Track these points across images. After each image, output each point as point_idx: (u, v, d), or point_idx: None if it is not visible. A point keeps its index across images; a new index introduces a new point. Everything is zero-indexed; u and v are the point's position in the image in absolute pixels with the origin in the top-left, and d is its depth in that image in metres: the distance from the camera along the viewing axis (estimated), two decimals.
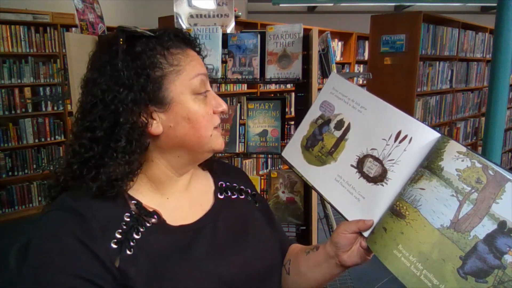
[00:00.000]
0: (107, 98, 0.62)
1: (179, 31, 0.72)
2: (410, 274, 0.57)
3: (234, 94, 4.03)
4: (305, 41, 1.44)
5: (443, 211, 0.57)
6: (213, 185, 0.80)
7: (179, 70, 0.67)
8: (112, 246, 0.59)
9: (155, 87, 0.64)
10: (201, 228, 0.70)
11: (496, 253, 0.52)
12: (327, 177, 0.73)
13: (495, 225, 0.53)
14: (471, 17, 4.49)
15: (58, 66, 3.64)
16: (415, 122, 0.65)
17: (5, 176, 3.48)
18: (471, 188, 0.56)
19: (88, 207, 0.61)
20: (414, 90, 3.15)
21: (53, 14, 3.63)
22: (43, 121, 3.63)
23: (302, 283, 0.77)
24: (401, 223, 0.60)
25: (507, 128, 4.58)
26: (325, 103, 0.77)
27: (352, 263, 0.69)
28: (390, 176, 0.65)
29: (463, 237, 0.55)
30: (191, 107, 0.67)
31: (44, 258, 0.57)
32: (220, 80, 1.51)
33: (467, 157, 0.58)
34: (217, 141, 0.72)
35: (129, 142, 0.63)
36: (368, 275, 2.42)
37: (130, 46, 0.65)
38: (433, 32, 3.33)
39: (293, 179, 1.55)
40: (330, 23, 5.22)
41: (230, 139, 1.54)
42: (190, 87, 0.67)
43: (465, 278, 0.53)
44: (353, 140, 0.71)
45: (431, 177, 0.60)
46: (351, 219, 0.68)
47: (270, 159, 3.81)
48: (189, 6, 1.57)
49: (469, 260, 0.54)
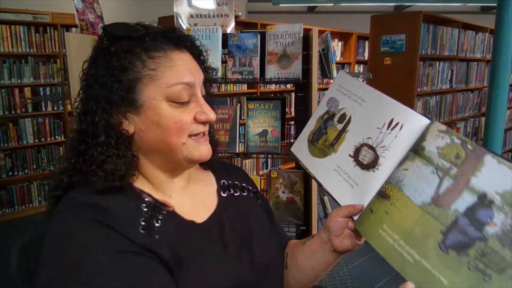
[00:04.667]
0: (86, 94, 0.66)
1: (170, 32, 0.67)
2: (394, 252, 0.59)
3: (234, 94, 4.03)
4: (305, 41, 1.44)
5: (425, 188, 0.58)
6: (216, 184, 0.81)
7: (155, 75, 0.64)
8: (140, 231, 0.60)
9: (125, 89, 0.63)
10: (210, 228, 0.70)
11: (477, 225, 0.52)
12: (328, 167, 0.75)
13: (475, 198, 0.54)
14: (471, 17, 4.49)
15: (58, 66, 3.64)
16: (406, 110, 0.67)
17: (5, 176, 3.47)
18: (450, 164, 0.57)
19: (104, 199, 0.61)
20: (414, 90, 3.15)
21: (53, 14, 3.62)
22: (43, 121, 3.63)
23: (299, 276, 0.79)
24: (385, 203, 0.63)
25: (507, 128, 4.57)
26: (332, 100, 0.80)
27: (343, 247, 0.71)
28: (381, 162, 0.67)
29: (443, 212, 0.56)
30: (163, 113, 0.64)
31: (75, 254, 0.55)
32: (220, 80, 1.51)
33: (446, 135, 0.59)
34: (196, 151, 0.68)
35: (107, 137, 0.64)
36: (368, 275, 2.42)
37: (109, 46, 0.65)
38: (433, 32, 3.33)
39: (293, 179, 1.55)
40: (330, 23, 5.21)
41: (230, 139, 1.54)
42: (165, 94, 0.64)
43: (446, 252, 0.54)
44: (352, 131, 0.74)
45: (414, 157, 0.62)
46: (344, 205, 0.71)
47: (270, 159, 3.81)
48: (189, 6, 1.57)
49: (450, 234, 0.54)
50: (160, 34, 0.66)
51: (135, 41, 0.65)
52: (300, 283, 0.80)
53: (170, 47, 0.66)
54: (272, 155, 1.61)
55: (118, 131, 0.65)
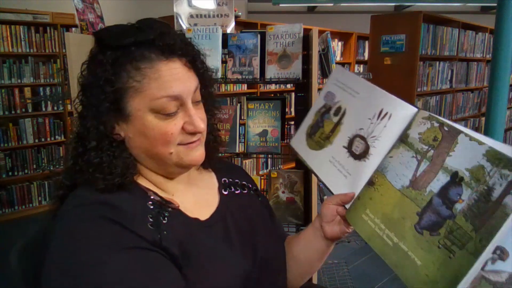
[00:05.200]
0: (80, 98, 0.67)
1: (159, 39, 0.63)
2: (375, 235, 0.60)
3: (234, 94, 4.03)
4: (305, 41, 1.44)
5: (404, 172, 0.60)
6: (217, 182, 0.81)
7: (140, 87, 0.62)
8: (150, 227, 0.60)
9: (111, 99, 0.63)
10: (213, 225, 0.71)
11: (448, 203, 0.53)
12: (323, 159, 0.77)
13: (449, 177, 0.54)
14: (471, 17, 4.49)
15: (58, 66, 3.64)
16: (394, 99, 0.68)
17: (5, 176, 3.47)
18: (428, 147, 0.58)
19: (111, 197, 0.61)
20: (414, 90, 3.15)
21: (53, 14, 3.62)
22: (43, 121, 3.62)
23: (295, 267, 0.81)
24: (370, 189, 0.65)
25: (507, 128, 4.57)
26: (329, 94, 0.81)
27: (333, 234, 0.74)
28: (371, 151, 0.68)
29: (419, 193, 0.56)
30: (148, 124, 0.63)
31: (86, 251, 0.55)
32: (220, 80, 1.51)
33: (428, 120, 0.60)
34: (186, 157, 0.67)
35: (99, 142, 0.64)
36: (368, 275, 2.42)
37: (97, 54, 0.65)
38: (433, 32, 3.33)
39: (293, 179, 1.55)
40: (330, 23, 5.21)
41: (230, 139, 1.54)
42: (150, 106, 0.63)
43: (421, 233, 0.54)
44: (346, 123, 0.75)
45: (399, 145, 0.63)
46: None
47: (270, 159, 3.80)
48: (189, 6, 1.57)
49: (425, 215, 0.55)
50: (148, 42, 0.63)
51: (121, 51, 0.63)
52: (296, 274, 0.82)
53: (158, 57, 0.63)
54: (272, 155, 1.61)
55: (110, 136, 0.65)
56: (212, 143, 0.79)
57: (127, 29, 0.65)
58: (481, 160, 0.50)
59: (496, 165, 0.49)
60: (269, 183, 1.57)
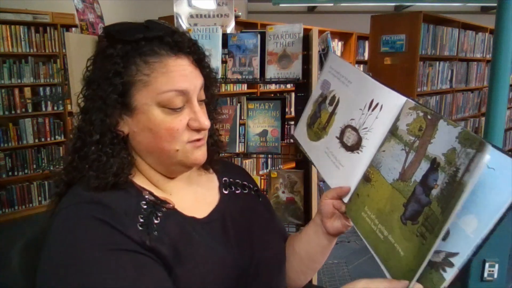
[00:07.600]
0: (86, 93, 0.67)
1: (168, 36, 0.66)
2: (370, 232, 0.60)
3: (234, 94, 4.03)
4: (305, 41, 1.44)
5: (395, 166, 0.59)
6: (217, 182, 0.82)
7: (148, 80, 0.63)
8: (139, 228, 0.60)
9: (119, 93, 0.63)
10: (211, 222, 0.71)
11: (427, 191, 0.52)
12: (320, 150, 0.77)
13: (429, 165, 0.53)
14: (471, 17, 4.49)
15: (58, 66, 3.64)
16: (384, 89, 0.67)
17: (5, 176, 3.47)
18: (414, 138, 0.57)
19: (105, 196, 0.62)
20: (414, 90, 3.16)
21: (53, 14, 3.62)
22: (43, 121, 3.63)
23: (297, 263, 0.82)
24: (368, 186, 0.64)
25: (507, 128, 4.58)
26: (324, 82, 0.81)
27: (335, 229, 0.74)
28: (364, 143, 0.68)
29: (406, 185, 0.56)
30: (154, 119, 0.64)
31: (73, 251, 0.56)
32: (220, 80, 1.51)
33: (414, 111, 0.60)
34: (191, 156, 0.68)
35: (102, 136, 0.64)
36: (368, 275, 2.41)
37: (106, 48, 0.65)
38: (433, 32, 3.33)
39: (293, 179, 1.55)
40: (330, 23, 5.21)
41: (230, 139, 1.54)
42: (157, 100, 0.64)
43: (405, 224, 0.53)
44: (340, 113, 0.75)
45: (390, 138, 0.62)
46: (333, 186, 0.72)
47: (270, 159, 3.81)
48: (189, 6, 1.57)
49: (409, 206, 0.54)
50: (158, 39, 0.65)
51: (132, 45, 0.64)
52: (298, 271, 0.82)
53: (167, 52, 0.65)
54: (272, 155, 1.60)
55: (113, 131, 0.65)
56: (212, 146, 0.79)
57: (137, 26, 0.67)
58: (454, 143, 0.49)
59: (464, 145, 0.47)
60: (269, 183, 1.57)
